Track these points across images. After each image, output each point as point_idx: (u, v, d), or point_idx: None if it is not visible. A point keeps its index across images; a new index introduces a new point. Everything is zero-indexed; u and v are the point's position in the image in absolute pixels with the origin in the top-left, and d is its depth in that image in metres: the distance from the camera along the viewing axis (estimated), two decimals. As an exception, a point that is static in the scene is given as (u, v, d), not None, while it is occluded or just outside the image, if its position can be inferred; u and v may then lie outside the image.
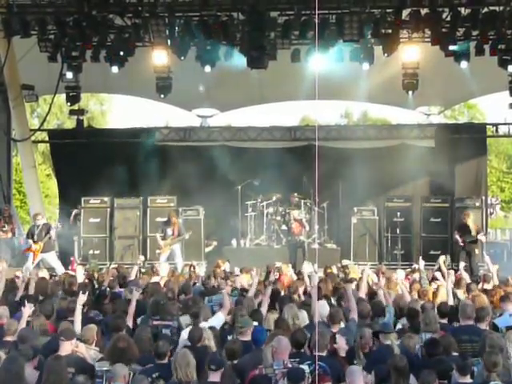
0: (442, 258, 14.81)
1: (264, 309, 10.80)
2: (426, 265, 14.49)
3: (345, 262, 19.08)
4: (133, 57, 19.54)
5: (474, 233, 18.60)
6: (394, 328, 10.28)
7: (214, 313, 10.96)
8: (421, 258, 14.68)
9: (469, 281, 13.76)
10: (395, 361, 7.70)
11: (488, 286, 13.27)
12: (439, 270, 14.47)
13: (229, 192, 21.47)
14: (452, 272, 13.62)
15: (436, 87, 22.71)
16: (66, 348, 8.53)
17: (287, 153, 22.77)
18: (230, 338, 9.48)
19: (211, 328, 9.60)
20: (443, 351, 8.45)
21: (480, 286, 13.50)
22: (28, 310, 9.96)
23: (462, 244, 18.66)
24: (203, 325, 9.77)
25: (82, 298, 10.12)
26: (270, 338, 8.81)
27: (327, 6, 18.19)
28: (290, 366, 7.84)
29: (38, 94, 22.99)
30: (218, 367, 7.79)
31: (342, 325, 9.94)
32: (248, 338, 9.13)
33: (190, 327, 9.64)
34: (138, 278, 14.71)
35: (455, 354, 8.69)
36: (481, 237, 18.65)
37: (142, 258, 17.65)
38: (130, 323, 10.23)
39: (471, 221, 18.91)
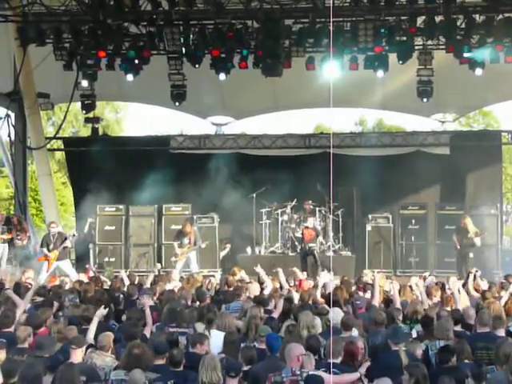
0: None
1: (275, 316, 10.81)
2: (440, 272, 14.45)
3: (366, 272, 18.86)
4: (148, 65, 19.59)
5: (471, 235, 18.82)
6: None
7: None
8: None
9: (485, 288, 13.72)
10: (419, 370, 7.62)
11: (504, 294, 13.19)
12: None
13: (243, 200, 21.46)
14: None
15: (451, 94, 22.68)
16: (77, 356, 8.51)
17: (302, 160, 22.79)
18: (242, 345, 9.47)
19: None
20: (457, 359, 8.41)
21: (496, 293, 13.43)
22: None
23: (458, 247, 19.24)
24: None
25: (102, 312, 10.11)
26: (284, 345, 8.80)
27: (342, 13, 18.15)
28: (298, 373, 7.85)
29: (53, 102, 23.05)
30: (237, 374, 7.83)
31: (355, 331, 9.90)
32: (263, 345, 9.13)
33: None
34: (153, 285, 14.70)
35: (468, 361, 8.66)
36: (476, 240, 18.83)
37: (158, 265, 17.69)
38: (147, 332, 10.20)
39: (470, 224, 19.09)
